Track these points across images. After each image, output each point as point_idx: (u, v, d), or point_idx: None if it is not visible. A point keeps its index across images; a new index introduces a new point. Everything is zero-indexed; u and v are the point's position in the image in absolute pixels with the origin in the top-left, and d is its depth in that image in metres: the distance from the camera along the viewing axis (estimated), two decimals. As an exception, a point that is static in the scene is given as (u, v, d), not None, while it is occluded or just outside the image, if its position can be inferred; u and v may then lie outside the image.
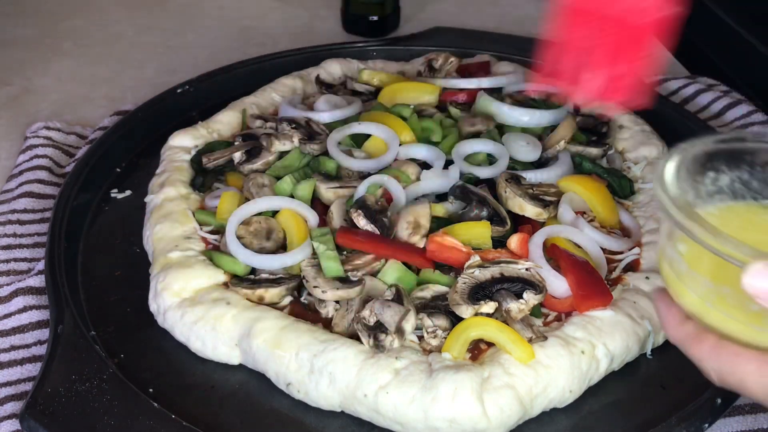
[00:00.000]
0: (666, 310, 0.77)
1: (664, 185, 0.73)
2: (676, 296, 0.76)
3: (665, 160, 0.75)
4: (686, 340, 0.75)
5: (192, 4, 2.01)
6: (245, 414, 0.94)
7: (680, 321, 0.75)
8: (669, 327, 0.77)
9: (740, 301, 0.69)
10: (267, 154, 1.22)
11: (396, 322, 0.92)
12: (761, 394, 0.69)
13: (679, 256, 0.74)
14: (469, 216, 1.10)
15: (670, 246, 0.75)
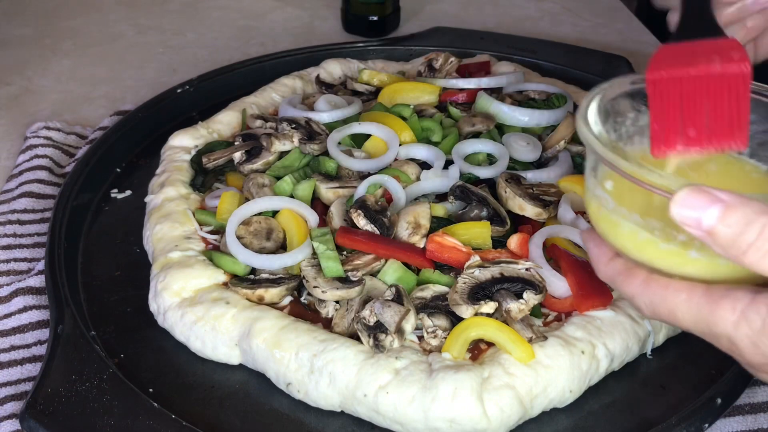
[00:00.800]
0: (596, 249, 0.77)
1: (587, 123, 0.74)
2: (605, 234, 0.76)
3: (587, 100, 0.76)
4: (616, 277, 0.75)
5: (192, 4, 2.01)
6: (245, 414, 0.94)
7: (610, 259, 0.76)
8: (599, 265, 0.77)
9: (668, 232, 0.70)
10: (267, 154, 1.22)
11: (396, 322, 0.92)
12: (691, 323, 0.70)
13: (605, 193, 0.74)
14: (469, 216, 1.10)
15: (596, 184, 0.76)
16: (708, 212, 0.63)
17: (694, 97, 0.75)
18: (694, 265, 0.70)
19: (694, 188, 0.64)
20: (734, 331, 0.67)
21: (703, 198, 0.64)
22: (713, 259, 0.69)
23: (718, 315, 0.67)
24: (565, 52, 1.63)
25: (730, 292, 0.67)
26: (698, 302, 0.69)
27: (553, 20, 1.94)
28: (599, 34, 1.87)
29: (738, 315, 0.66)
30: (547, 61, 1.58)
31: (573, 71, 1.54)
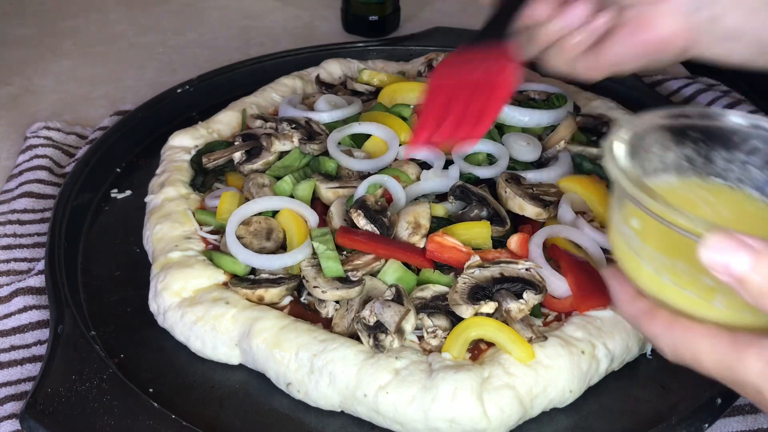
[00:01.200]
0: (618, 287, 0.76)
1: (615, 158, 0.73)
2: (629, 272, 0.75)
3: (614, 134, 0.76)
4: (639, 317, 0.74)
5: (192, 4, 2.01)
6: (245, 414, 0.94)
7: (633, 297, 0.75)
8: (622, 304, 0.76)
9: (694, 275, 0.69)
10: (267, 154, 1.22)
11: (396, 322, 0.92)
12: (715, 370, 0.69)
13: (631, 230, 0.73)
14: (469, 216, 1.10)
15: (622, 221, 0.75)
16: (737, 258, 0.61)
17: (457, 99, 0.86)
18: (719, 311, 0.69)
19: (724, 233, 0.63)
20: (761, 381, 0.65)
21: (733, 243, 0.62)
22: (739, 305, 0.67)
23: (744, 363, 0.66)
24: (565, 52, 1.63)
25: (757, 341, 0.66)
26: (723, 349, 0.67)
27: (553, 20, 1.94)
28: (599, 34, 1.87)
29: (765, 364, 0.65)
30: (547, 61, 1.57)
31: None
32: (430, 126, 0.88)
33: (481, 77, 0.86)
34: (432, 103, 0.89)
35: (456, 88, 0.87)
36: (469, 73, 0.87)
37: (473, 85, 0.87)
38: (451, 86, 0.87)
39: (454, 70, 0.88)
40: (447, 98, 0.87)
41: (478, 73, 0.86)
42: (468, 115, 0.87)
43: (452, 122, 0.88)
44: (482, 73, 0.86)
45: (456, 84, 0.87)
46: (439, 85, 0.88)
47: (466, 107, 0.87)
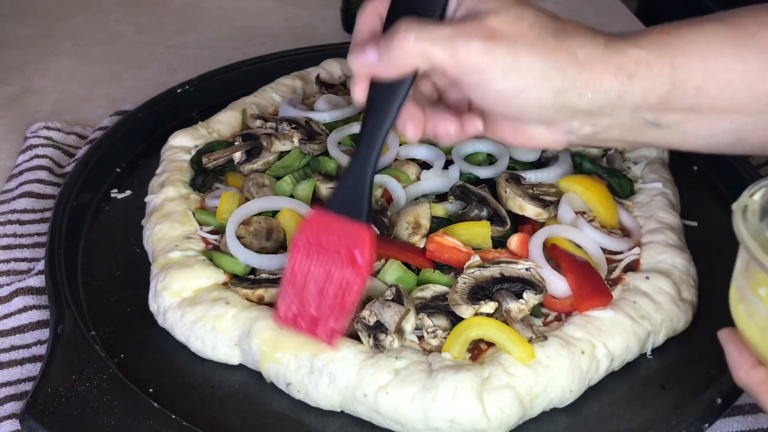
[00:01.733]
0: (736, 354, 0.74)
1: (745, 222, 0.69)
2: (750, 341, 0.72)
3: (746, 194, 0.72)
4: (757, 387, 0.72)
5: (192, 4, 2.01)
6: (245, 414, 0.94)
7: (752, 366, 0.73)
8: (738, 372, 0.74)
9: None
10: (267, 154, 1.22)
11: (396, 322, 0.92)
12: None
13: (758, 299, 0.70)
14: (469, 216, 1.10)
15: (747, 287, 0.71)
16: None
17: (316, 278, 0.88)
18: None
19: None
20: None
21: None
22: None
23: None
24: (565, 52, 1.63)
25: None
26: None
27: (553, 20, 1.94)
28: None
29: None
30: (547, 61, 1.57)
31: (573, 71, 1.54)
32: (291, 302, 0.91)
33: (341, 258, 0.87)
34: (292, 276, 0.90)
35: (317, 264, 0.88)
36: (330, 248, 0.88)
37: (333, 265, 0.88)
38: (312, 260, 0.89)
39: (317, 239, 0.88)
40: (307, 274, 0.89)
41: (338, 252, 0.88)
42: (325, 305, 0.89)
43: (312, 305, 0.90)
44: (342, 254, 0.87)
45: (317, 259, 0.88)
46: (300, 257, 0.89)
47: (325, 292, 0.89)
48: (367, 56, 0.84)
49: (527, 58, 0.78)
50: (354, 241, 0.87)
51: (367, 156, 0.88)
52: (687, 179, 1.27)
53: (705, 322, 1.04)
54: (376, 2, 0.88)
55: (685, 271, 1.06)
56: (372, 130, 0.88)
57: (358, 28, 0.89)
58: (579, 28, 0.83)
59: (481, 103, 0.84)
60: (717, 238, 1.18)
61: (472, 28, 0.78)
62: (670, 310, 1.00)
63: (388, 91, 0.85)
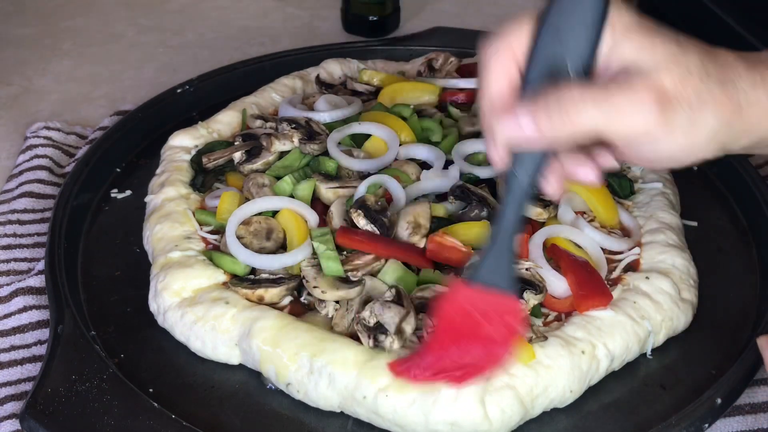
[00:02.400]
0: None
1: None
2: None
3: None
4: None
5: (192, 4, 2.01)
6: (245, 414, 0.94)
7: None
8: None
9: None
10: (267, 154, 1.22)
11: (396, 323, 0.92)
12: None
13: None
14: (469, 216, 1.10)
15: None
16: None
17: (460, 349, 0.84)
18: None
19: None
20: None
21: None
22: None
23: None
24: (565, 52, 1.63)
25: None
26: None
27: (553, 20, 1.94)
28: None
29: None
30: (547, 61, 1.57)
31: (573, 71, 1.54)
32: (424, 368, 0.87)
33: (486, 338, 0.84)
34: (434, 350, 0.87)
35: (459, 339, 0.85)
36: (475, 323, 0.84)
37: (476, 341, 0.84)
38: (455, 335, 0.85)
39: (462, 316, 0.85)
40: (447, 347, 0.86)
41: (484, 330, 0.84)
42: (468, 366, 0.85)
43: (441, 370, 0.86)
44: (489, 331, 0.84)
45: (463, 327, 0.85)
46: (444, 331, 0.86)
47: (461, 360, 0.85)
48: (520, 126, 0.74)
49: (701, 121, 0.73)
50: (504, 311, 0.84)
51: (512, 224, 0.82)
52: (687, 179, 1.27)
53: (705, 322, 1.04)
54: (507, 42, 0.77)
55: (685, 271, 1.06)
56: (515, 198, 0.81)
57: (493, 78, 0.78)
58: (732, 62, 0.76)
59: (632, 158, 0.78)
60: (717, 238, 1.18)
61: (644, 92, 0.71)
62: (670, 310, 1.00)
63: (534, 154, 0.78)
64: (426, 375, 0.86)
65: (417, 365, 0.87)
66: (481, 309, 0.83)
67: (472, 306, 0.84)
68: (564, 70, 0.75)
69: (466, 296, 0.84)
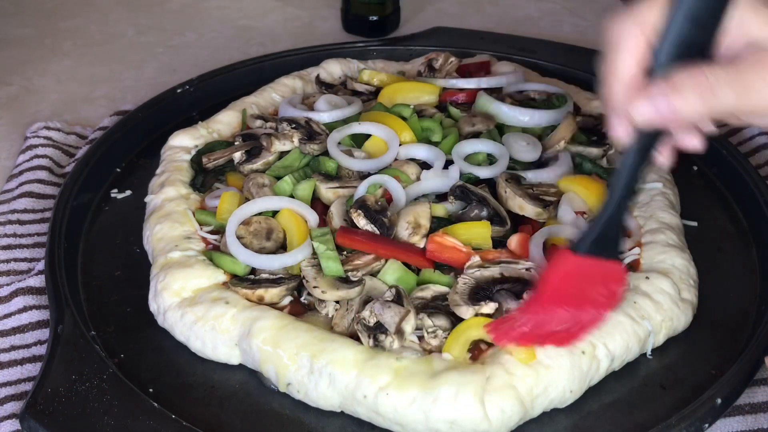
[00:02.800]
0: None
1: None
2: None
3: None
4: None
5: (192, 4, 2.01)
6: (245, 414, 0.94)
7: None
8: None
9: None
10: (267, 154, 1.22)
11: (396, 323, 0.92)
12: None
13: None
14: (469, 216, 1.10)
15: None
16: None
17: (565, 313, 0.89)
18: None
19: None
20: None
21: None
22: None
23: None
24: (565, 52, 1.63)
25: None
26: None
27: (553, 20, 1.94)
28: (599, 34, 1.87)
29: None
30: (547, 61, 1.58)
31: (573, 71, 1.54)
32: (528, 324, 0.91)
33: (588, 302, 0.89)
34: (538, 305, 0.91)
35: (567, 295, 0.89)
36: (578, 290, 0.89)
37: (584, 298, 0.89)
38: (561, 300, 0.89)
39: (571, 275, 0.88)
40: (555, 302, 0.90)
41: (586, 296, 0.89)
42: (560, 330, 0.90)
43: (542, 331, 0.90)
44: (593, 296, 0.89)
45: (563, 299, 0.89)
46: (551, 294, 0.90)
47: (563, 322, 0.90)
48: (656, 107, 0.76)
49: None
50: (609, 277, 0.88)
51: (625, 196, 0.86)
52: (687, 179, 1.27)
53: (705, 322, 1.04)
54: (638, 21, 0.79)
55: (685, 271, 1.05)
56: (631, 171, 0.84)
57: (622, 57, 0.80)
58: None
59: (753, 124, 0.81)
60: (717, 238, 1.18)
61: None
62: (670, 310, 1.00)
63: (655, 132, 0.80)
64: (530, 338, 0.90)
65: (517, 329, 0.90)
66: (587, 275, 0.87)
67: (578, 272, 0.87)
68: (694, 49, 0.76)
69: (573, 263, 0.87)
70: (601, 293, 0.88)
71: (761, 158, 1.35)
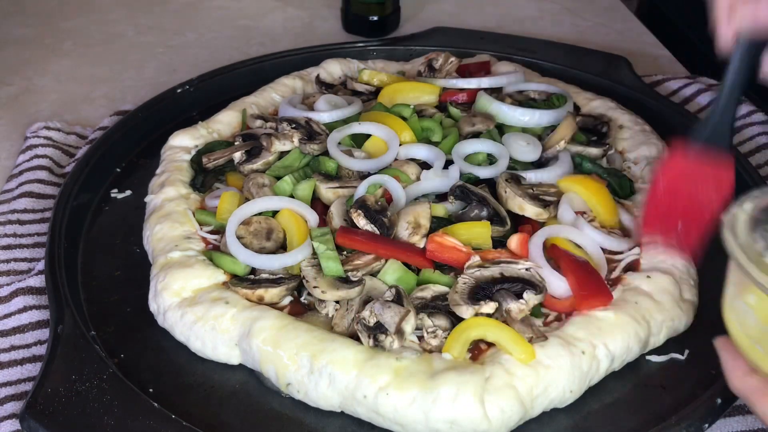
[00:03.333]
0: (731, 362, 0.76)
1: (734, 234, 0.72)
2: (742, 348, 0.74)
3: (735, 208, 0.75)
4: (752, 394, 0.74)
5: (192, 4, 2.01)
6: (245, 414, 0.94)
7: (745, 373, 0.75)
8: (733, 379, 0.76)
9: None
10: (267, 154, 1.22)
11: (396, 323, 0.92)
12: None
13: (747, 307, 0.72)
14: (469, 216, 1.10)
15: (737, 297, 0.73)
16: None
17: (681, 199, 0.92)
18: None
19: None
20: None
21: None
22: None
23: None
24: (565, 52, 1.63)
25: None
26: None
27: (553, 20, 1.94)
28: (599, 34, 1.87)
29: None
30: (547, 61, 1.58)
31: (573, 71, 1.54)
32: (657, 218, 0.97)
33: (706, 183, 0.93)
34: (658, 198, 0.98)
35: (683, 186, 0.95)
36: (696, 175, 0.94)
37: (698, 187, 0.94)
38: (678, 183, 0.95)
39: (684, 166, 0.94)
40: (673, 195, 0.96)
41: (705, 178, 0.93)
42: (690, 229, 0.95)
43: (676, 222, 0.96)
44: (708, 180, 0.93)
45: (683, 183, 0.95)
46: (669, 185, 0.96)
47: (689, 210, 0.95)
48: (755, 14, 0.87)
49: None
50: (719, 167, 0.92)
51: (735, 95, 0.94)
52: (687, 179, 1.26)
53: (705, 323, 1.04)
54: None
55: (685, 271, 1.06)
56: (740, 71, 0.93)
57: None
58: None
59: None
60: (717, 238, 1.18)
61: None
62: (672, 310, 1.00)
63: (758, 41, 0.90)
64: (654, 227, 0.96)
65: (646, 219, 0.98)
66: (697, 175, 0.92)
67: (690, 171, 0.93)
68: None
69: (685, 163, 0.92)
70: (708, 194, 0.92)
71: (761, 158, 1.35)
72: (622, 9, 2.01)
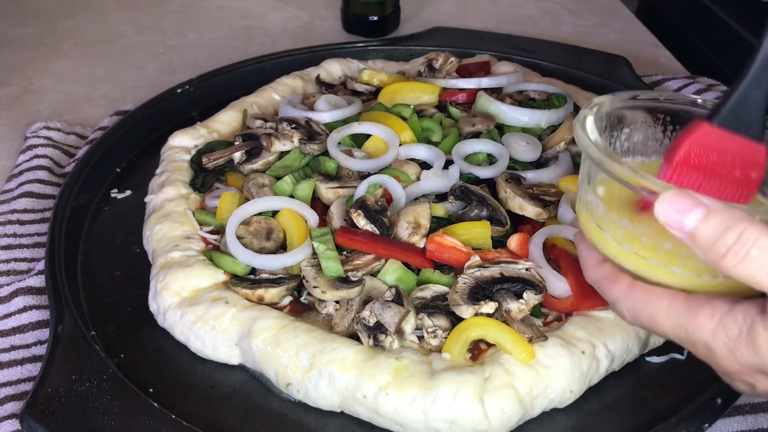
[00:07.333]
0: (585, 253, 0.81)
1: (584, 129, 0.77)
2: (593, 240, 0.79)
3: (586, 108, 0.80)
4: (602, 281, 0.78)
5: (192, 4, 2.02)
6: (245, 414, 0.94)
7: (597, 263, 0.79)
8: (587, 268, 0.80)
9: (655, 240, 0.72)
10: (267, 154, 1.22)
11: (396, 323, 0.92)
12: (670, 330, 0.72)
13: (597, 198, 0.77)
14: (469, 216, 1.10)
15: (588, 190, 0.79)
16: (691, 215, 0.66)
17: None
18: (677, 275, 0.73)
19: (679, 191, 0.67)
20: (712, 338, 0.69)
21: (687, 201, 0.66)
22: (694, 270, 0.72)
23: (697, 322, 0.70)
24: (565, 52, 1.63)
25: (709, 301, 0.70)
26: (678, 309, 0.71)
27: (553, 20, 1.94)
28: (599, 34, 1.87)
29: (716, 322, 0.69)
30: (547, 61, 1.58)
31: (573, 71, 1.54)
32: None
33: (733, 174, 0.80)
34: None
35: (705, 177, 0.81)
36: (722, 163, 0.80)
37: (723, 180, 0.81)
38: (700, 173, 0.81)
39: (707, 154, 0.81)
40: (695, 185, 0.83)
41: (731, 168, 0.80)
42: None
43: None
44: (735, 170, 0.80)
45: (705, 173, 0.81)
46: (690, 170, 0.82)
47: None
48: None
49: None
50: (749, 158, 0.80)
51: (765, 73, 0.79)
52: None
53: (705, 322, 1.04)
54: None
55: (685, 271, 1.05)
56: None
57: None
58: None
59: None
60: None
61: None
62: (670, 310, 1.00)
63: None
64: None
65: None
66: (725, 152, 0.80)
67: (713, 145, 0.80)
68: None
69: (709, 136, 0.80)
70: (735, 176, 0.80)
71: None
72: (622, 9, 2.01)
